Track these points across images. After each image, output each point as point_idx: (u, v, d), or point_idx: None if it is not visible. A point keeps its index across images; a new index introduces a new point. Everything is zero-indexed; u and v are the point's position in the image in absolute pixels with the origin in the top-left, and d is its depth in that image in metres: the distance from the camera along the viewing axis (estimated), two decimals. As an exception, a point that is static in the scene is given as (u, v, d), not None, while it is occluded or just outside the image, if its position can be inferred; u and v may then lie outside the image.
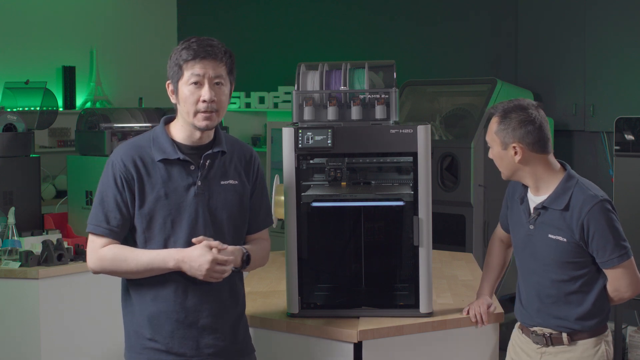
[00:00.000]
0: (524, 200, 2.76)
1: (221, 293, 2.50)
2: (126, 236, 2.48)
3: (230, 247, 2.45)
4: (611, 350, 2.73)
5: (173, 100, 2.49)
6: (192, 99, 2.41)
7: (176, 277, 2.43)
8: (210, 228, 2.47)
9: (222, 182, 2.50)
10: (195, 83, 2.40)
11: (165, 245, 2.43)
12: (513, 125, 2.66)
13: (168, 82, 2.48)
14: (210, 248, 2.38)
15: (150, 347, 2.46)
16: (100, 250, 2.42)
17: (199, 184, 2.45)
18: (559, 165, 2.73)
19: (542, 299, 2.71)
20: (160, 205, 2.43)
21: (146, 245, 2.44)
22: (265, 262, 2.68)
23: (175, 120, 2.52)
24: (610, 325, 4.92)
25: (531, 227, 2.71)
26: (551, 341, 2.71)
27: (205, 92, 2.40)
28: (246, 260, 2.50)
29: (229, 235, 2.50)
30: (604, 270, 2.67)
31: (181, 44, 2.45)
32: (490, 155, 2.78)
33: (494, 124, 2.72)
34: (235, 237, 2.54)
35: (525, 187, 2.78)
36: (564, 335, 2.69)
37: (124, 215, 2.43)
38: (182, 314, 2.45)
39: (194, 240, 2.41)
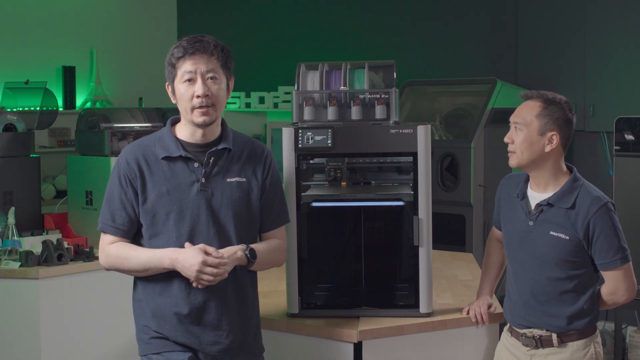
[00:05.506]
0: (525, 196, 2.76)
1: (226, 291, 2.51)
2: (135, 233, 2.53)
3: (228, 248, 2.45)
4: (601, 351, 2.74)
5: (173, 101, 2.53)
6: (187, 95, 2.44)
7: (177, 278, 2.46)
8: (212, 226, 2.48)
9: (227, 180, 2.51)
10: (190, 80, 2.43)
11: (168, 242, 2.46)
12: (558, 115, 2.65)
13: (167, 83, 2.52)
14: (205, 252, 2.39)
15: (157, 337, 2.50)
16: (107, 247, 2.52)
17: (203, 181, 2.47)
18: (565, 167, 2.74)
19: (536, 296, 2.71)
20: (162, 202, 2.46)
21: (151, 241, 2.49)
22: (280, 262, 2.67)
23: (180, 121, 2.56)
24: (610, 325, 4.93)
25: (531, 223, 2.71)
26: (541, 343, 2.71)
27: (198, 87, 2.42)
28: (251, 256, 2.49)
29: (233, 233, 2.51)
30: (603, 273, 2.68)
31: (174, 45, 2.49)
32: (514, 138, 2.69)
33: (535, 108, 2.66)
34: (243, 235, 2.53)
35: (526, 183, 2.77)
36: (554, 336, 2.69)
37: (129, 213, 2.49)
38: (185, 309, 2.47)
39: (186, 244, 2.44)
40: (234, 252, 2.46)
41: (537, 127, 2.66)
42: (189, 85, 2.44)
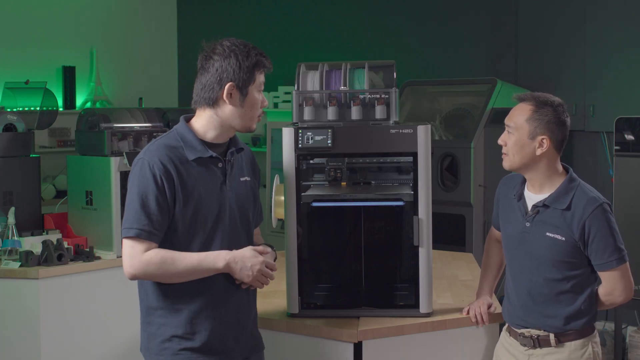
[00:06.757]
0: (522, 197, 2.76)
1: (248, 292, 2.54)
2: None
3: (266, 247, 2.52)
4: (599, 351, 2.74)
5: (230, 102, 2.43)
6: (259, 103, 2.49)
7: (217, 276, 2.43)
8: (241, 225, 2.51)
9: (241, 179, 2.54)
10: (260, 90, 2.50)
11: (204, 244, 2.42)
12: (549, 118, 2.64)
13: (231, 83, 2.42)
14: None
15: (188, 347, 2.41)
16: (145, 254, 2.34)
17: (227, 181, 2.48)
18: (562, 168, 2.74)
19: (533, 297, 2.71)
20: (200, 204, 2.41)
21: (188, 245, 2.41)
22: None
23: (200, 120, 2.47)
24: (610, 325, 4.93)
25: (527, 224, 2.71)
26: (539, 343, 2.71)
27: (265, 99, 2.51)
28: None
29: (250, 231, 2.57)
30: (600, 273, 2.68)
31: (243, 48, 2.45)
32: (507, 140, 2.70)
33: (526, 111, 2.66)
34: (252, 233, 2.60)
35: (523, 185, 2.77)
36: (552, 336, 2.69)
37: (165, 217, 2.37)
38: (224, 310, 2.46)
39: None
40: (270, 251, 2.53)
41: (527, 131, 2.66)
42: (259, 94, 2.48)
